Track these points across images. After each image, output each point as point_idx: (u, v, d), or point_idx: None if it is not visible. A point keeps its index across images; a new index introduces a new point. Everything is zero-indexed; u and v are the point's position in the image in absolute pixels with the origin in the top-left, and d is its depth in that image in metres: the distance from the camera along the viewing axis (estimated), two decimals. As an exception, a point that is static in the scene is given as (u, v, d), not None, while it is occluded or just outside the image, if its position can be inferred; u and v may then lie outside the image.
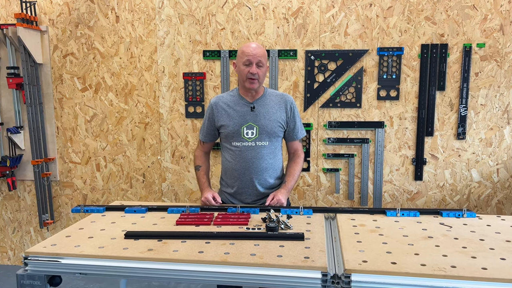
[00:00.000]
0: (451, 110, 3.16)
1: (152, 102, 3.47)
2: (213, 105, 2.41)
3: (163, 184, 3.55)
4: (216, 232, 1.83)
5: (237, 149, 2.36)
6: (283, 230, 1.91)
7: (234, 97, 2.40)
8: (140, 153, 3.55)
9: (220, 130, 2.41)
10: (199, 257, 1.61)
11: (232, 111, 2.37)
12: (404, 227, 1.96)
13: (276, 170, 2.43)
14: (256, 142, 2.35)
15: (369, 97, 3.22)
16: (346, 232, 1.88)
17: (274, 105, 2.38)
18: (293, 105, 2.41)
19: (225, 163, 2.44)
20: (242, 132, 2.34)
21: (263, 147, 2.35)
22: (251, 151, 2.34)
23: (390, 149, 3.26)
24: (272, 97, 2.41)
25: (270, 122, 2.35)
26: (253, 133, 2.34)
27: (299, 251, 1.66)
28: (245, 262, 1.57)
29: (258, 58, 2.25)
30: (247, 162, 2.35)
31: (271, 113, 2.36)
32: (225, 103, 2.40)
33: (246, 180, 2.37)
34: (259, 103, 2.37)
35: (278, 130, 2.38)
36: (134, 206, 2.24)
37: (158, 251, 1.67)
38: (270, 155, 2.38)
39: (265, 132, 2.34)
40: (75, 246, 1.73)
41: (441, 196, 3.26)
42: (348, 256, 1.60)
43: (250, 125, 2.34)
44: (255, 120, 2.34)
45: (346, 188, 3.34)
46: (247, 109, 2.36)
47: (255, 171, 2.35)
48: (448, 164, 3.22)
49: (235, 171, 2.38)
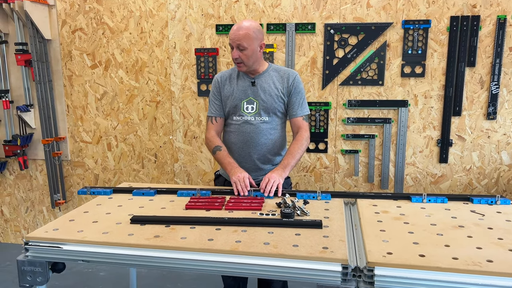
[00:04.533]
0: (481, 88, 2.94)
1: (163, 79, 3.33)
2: (218, 78, 2.35)
3: (175, 164, 3.44)
4: (228, 218, 1.71)
5: (236, 124, 2.29)
6: (299, 216, 1.77)
7: (237, 73, 2.32)
8: (151, 133, 3.44)
9: (224, 103, 2.33)
10: (209, 245, 1.49)
11: (234, 86, 2.30)
12: (432, 214, 1.80)
13: (277, 146, 2.32)
14: (256, 117, 2.26)
15: (392, 74, 3.01)
16: (368, 220, 1.74)
17: (276, 81, 2.27)
18: (296, 80, 2.27)
19: (225, 138, 2.37)
20: (242, 107, 2.26)
21: (262, 123, 2.27)
22: (250, 126, 2.26)
23: (413, 129, 3.07)
24: (275, 73, 2.29)
25: (271, 98, 2.24)
26: (253, 108, 2.26)
27: (316, 241, 1.52)
28: (257, 251, 1.45)
29: (237, 42, 2.13)
30: (245, 137, 2.27)
31: (272, 88, 2.26)
32: (228, 77, 2.33)
33: (244, 154, 2.29)
34: (261, 78, 2.27)
35: (279, 106, 2.27)
36: (142, 188, 2.13)
37: (165, 238, 1.56)
38: (270, 131, 2.28)
39: (265, 108, 2.25)
40: (78, 231, 1.63)
41: (467, 179, 3.08)
42: (371, 247, 1.46)
43: (250, 100, 2.26)
44: (256, 95, 2.25)
45: (366, 171, 3.18)
46: (248, 84, 2.27)
47: (253, 146, 2.27)
48: (476, 146, 3.02)
49: (234, 144, 2.31)
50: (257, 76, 2.26)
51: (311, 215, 1.78)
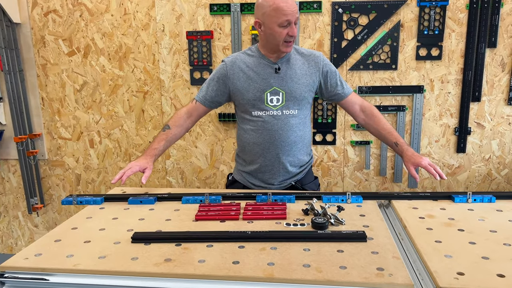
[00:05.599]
0: (503, 70, 2.71)
1: (151, 67, 2.98)
2: (229, 64, 1.96)
3: (167, 161, 3.11)
4: (250, 232, 1.41)
5: (259, 120, 1.93)
6: (334, 226, 1.49)
7: (254, 57, 1.95)
8: (139, 127, 3.09)
9: (235, 97, 1.97)
10: (235, 271, 1.19)
11: (252, 74, 1.92)
12: (484, 218, 1.55)
13: (307, 144, 2.02)
14: (283, 110, 1.92)
15: (406, 57, 2.75)
16: (415, 228, 1.47)
17: (302, 65, 1.94)
18: (325, 60, 1.98)
19: (244, 137, 2.00)
20: (265, 99, 1.91)
21: (291, 117, 1.93)
22: (277, 121, 1.92)
23: (429, 117, 2.82)
24: (299, 56, 1.96)
25: (299, 86, 1.91)
26: (279, 100, 1.91)
27: (366, 259, 1.25)
28: (299, 278, 1.15)
29: (296, 15, 1.80)
30: (272, 135, 1.92)
31: (299, 75, 1.92)
32: (244, 63, 1.95)
33: (271, 157, 1.95)
34: (285, 63, 1.92)
35: (309, 95, 1.96)
36: (139, 195, 1.81)
37: (178, 261, 1.25)
38: (299, 126, 1.95)
39: (293, 98, 1.92)
40: (68, 256, 1.30)
41: (486, 170, 2.86)
42: (434, 266, 1.19)
43: (274, 90, 1.91)
44: (281, 84, 1.90)
45: (378, 163, 2.93)
46: (271, 71, 1.91)
47: (282, 146, 1.94)
48: (496, 134, 2.80)
49: (257, 146, 1.95)
50: (279, 60, 1.92)
51: (346, 224, 1.51)
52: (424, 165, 1.80)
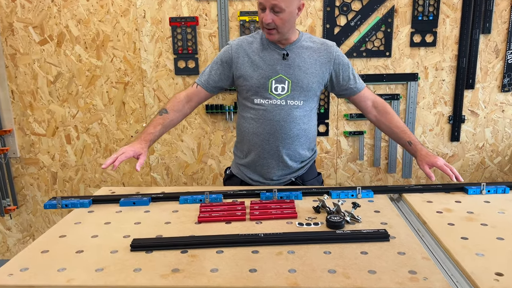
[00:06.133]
0: (496, 57, 2.66)
1: (131, 56, 2.78)
2: (234, 47, 1.82)
3: (151, 157, 2.93)
4: (263, 234, 1.28)
5: (261, 108, 1.79)
6: (350, 224, 1.39)
7: (261, 41, 1.81)
8: (120, 120, 2.89)
9: (238, 82, 1.82)
10: (254, 282, 1.06)
11: (258, 59, 1.78)
12: (504, 210, 1.48)
13: (310, 138, 1.89)
14: (287, 100, 1.78)
15: (400, 44, 2.67)
16: (434, 223, 1.38)
17: (313, 54, 1.80)
18: (339, 51, 1.85)
19: (244, 126, 1.86)
20: (269, 87, 1.77)
21: (295, 108, 1.79)
22: (280, 111, 1.78)
23: (423, 105, 2.76)
24: (310, 43, 1.82)
25: (307, 76, 1.78)
26: (284, 89, 1.77)
27: (394, 261, 1.14)
28: (326, 286, 1.04)
29: (272, 1, 1.63)
30: (273, 126, 1.79)
31: (308, 64, 1.78)
32: (250, 47, 1.81)
33: (270, 149, 1.82)
34: (294, 50, 1.79)
35: (317, 87, 1.82)
36: (131, 196, 1.65)
37: (188, 272, 1.11)
38: (304, 118, 1.82)
39: (300, 88, 1.78)
40: (59, 269, 1.14)
41: (479, 158, 2.83)
42: (469, 266, 1.10)
43: (280, 78, 1.77)
44: (288, 71, 1.76)
45: (371, 154, 2.85)
46: (278, 57, 1.78)
47: (283, 138, 1.80)
48: (490, 121, 2.77)
49: (256, 136, 1.82)
50: (288, 46, 1.78)
51: (362, 221, 1.40)
52: (440, 165, 1.70)
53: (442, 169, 1.70)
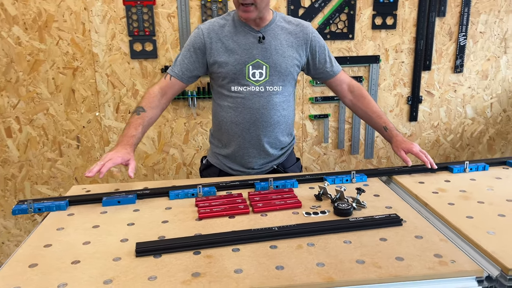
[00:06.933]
0: (450, 39, 2.78)
1: (80, 38, 2.52)
2: (205, 32, 1.68)
3: (106, 148, 2.71)
4: (276, 227, 1.21)
5: (239, 96, 1.70)
6: (356, 210, 1.36)
7: (234, 24, 1.69)
8: (69, 110, 2.63)
9: (212, 69, 1.70)
10: (287, 279, 0.99)
11: (232, 43, 1.67)
12: (492, 187, 1.54)
13: (289, 124, 1.83)
14: (266, 86, 1.70)
15: (362, 26, 2.69)
16: (436, 204, 1.40)
17: (289, 36, 1.72)
18: (315, 33, 1.78)
19: (221, 115, 1.75)
20: (246, 73, 1.67)
21: (275, 94, 1.72)
22: (260, 99, 1.70)
23: (384, 87, 2.82)
24: (285, 24, 1.74)
25: (285, 60, 1.70)
26: (262, 74, 1.69)
27: (416, 246, 1.13)
28: (362, 278, 1.00)
29: None
30: (254, 114, 1.70)
31: (285, 46, 1.70)
32: (222, 31, 1.68)
33: (251, 138, 1.74)
34: (269, 32, 1.69)
35: (294, 71, 1.75)
36: (113, 194, 1.48)
37: (210, 275, 1.01)
38: (283, 104, 1.75)
39: (278, 73, 1.70)
40: (60, 285, 0.99)
41: (435, 136, 2.97)
42: (488, 246, 1.12)
43: (257, 63, 1.67)
44: (265, 56, 1.67)
45: (336, 136, 2.87)
46: (254, 40, 1.67)
47: (264, 126, 1.72)
48: (444, 101, 2.90)
49: (235, 125, 1.72)
50: (263, 28, 1.68)
51: (366, 206, 1.39)
52: (416, 151, 1.69)
53: (418, 156, 1.70)
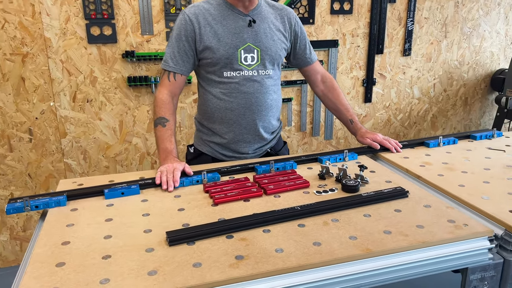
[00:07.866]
0: (399, 24, 2.97)
1: (30, 21, 2.31)
2: (193, 17, 1.63)
3: (62, 140, 2.53)
4: (298, 207, 1.24)
5: (232, 82, 1.68)
6: (361, 186, 1.44)
7: (220, 7, 1.66)
8: (19, 100, 2.41)
9: (203, 55, 1.66)
10: (330, 253, 1.03)
11: (221, 28, 1.64)
12: (467, 158, 1.70)
13: (279, 108, 1.86)
14: (259, 70, 1.70)
15: (322, 11, 2.77)
16: (428, 176, 1.51)
17: (275, 20, 1.74)
18: (297, 20, 1.81)
19: (213, 103, 1.72)
20: (238, 57, 1.66)
21: (267, 77, 1.73)
22: (253, 83, 1.70)
23: (342, 70, 2.95)
24: (269, 8, 1.75)
25: (274, 43, 1.71)
26: (254, 58, 1.68)
27: (429, 214, 1.23)
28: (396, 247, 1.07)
29: None
30: (248, 99, 1.70)
31: (273, 30, 1.72)
32: (210, 15, 1.64)
33: (247, 124, 1.73)
34: (257, 16, 1.69)
35: (283, 54, 1.78)
36: (115, 186, 1.41)
37: (254, 257, 1.02)
38: (274, 87, 1.77)
39: (269, 57, 1.71)
40: (101, 281, 0.93)
41: (386, 116, 3.18)
42: (487, 209, 1.25)
43: (249, 47, 1.66)
44: (255, 39, 1.67)
45: (298, 119, 2.95)
46: (243, 23, 1.66)
47: (259, 110, 1.73)
48: (394, 83, 3.11)
49: (230, 111, 1.71)
50: (252, 12, 1.67)
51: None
52: (380, 140, 1.81)
53: (382, 143, 1.80)
